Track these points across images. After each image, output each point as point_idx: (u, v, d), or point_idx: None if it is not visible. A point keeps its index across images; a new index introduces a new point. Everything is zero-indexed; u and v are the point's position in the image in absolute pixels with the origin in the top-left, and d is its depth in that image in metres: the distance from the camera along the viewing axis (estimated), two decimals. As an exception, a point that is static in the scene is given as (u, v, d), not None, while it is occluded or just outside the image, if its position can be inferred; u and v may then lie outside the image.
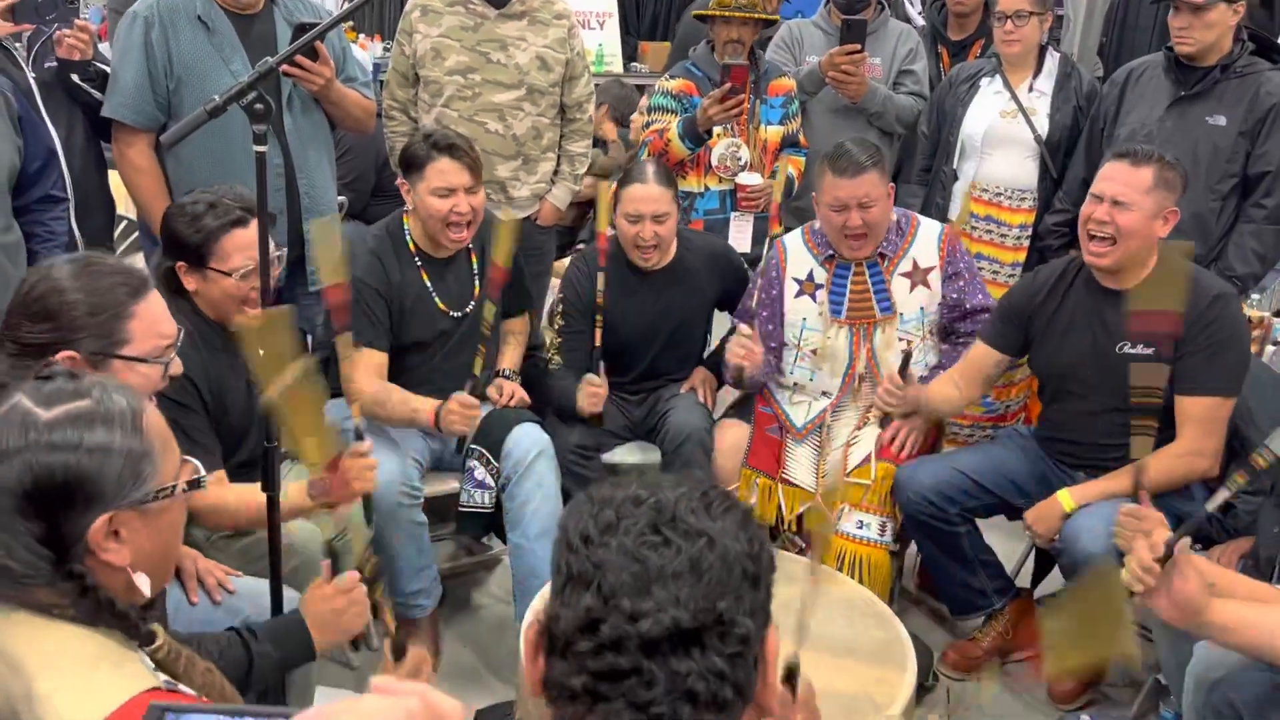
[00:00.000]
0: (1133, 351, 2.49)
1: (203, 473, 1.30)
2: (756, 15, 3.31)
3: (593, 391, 2.79)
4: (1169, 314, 1.96)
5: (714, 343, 3.22)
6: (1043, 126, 3.26)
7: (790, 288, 2.91)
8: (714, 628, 0.84)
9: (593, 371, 2.84)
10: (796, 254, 2.92)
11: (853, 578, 2.58)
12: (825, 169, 2.75)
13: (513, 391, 2.82)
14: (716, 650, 0.84)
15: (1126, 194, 2.42)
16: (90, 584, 1.16)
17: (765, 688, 0.91)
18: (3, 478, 1.14)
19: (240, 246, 2.17)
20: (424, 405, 2.59)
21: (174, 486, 1.24)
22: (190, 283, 2.23)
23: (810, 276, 2.89)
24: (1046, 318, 2.64)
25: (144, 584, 1.22)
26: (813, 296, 2.89)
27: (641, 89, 5.09)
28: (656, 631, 0.83)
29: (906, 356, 2.71)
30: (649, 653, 0.83)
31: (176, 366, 1.78)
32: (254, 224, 2.18)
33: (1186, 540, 1.68)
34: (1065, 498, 2.51)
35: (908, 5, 4.74)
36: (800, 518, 2.82)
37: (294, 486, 2.10)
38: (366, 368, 2.63)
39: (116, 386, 1.25)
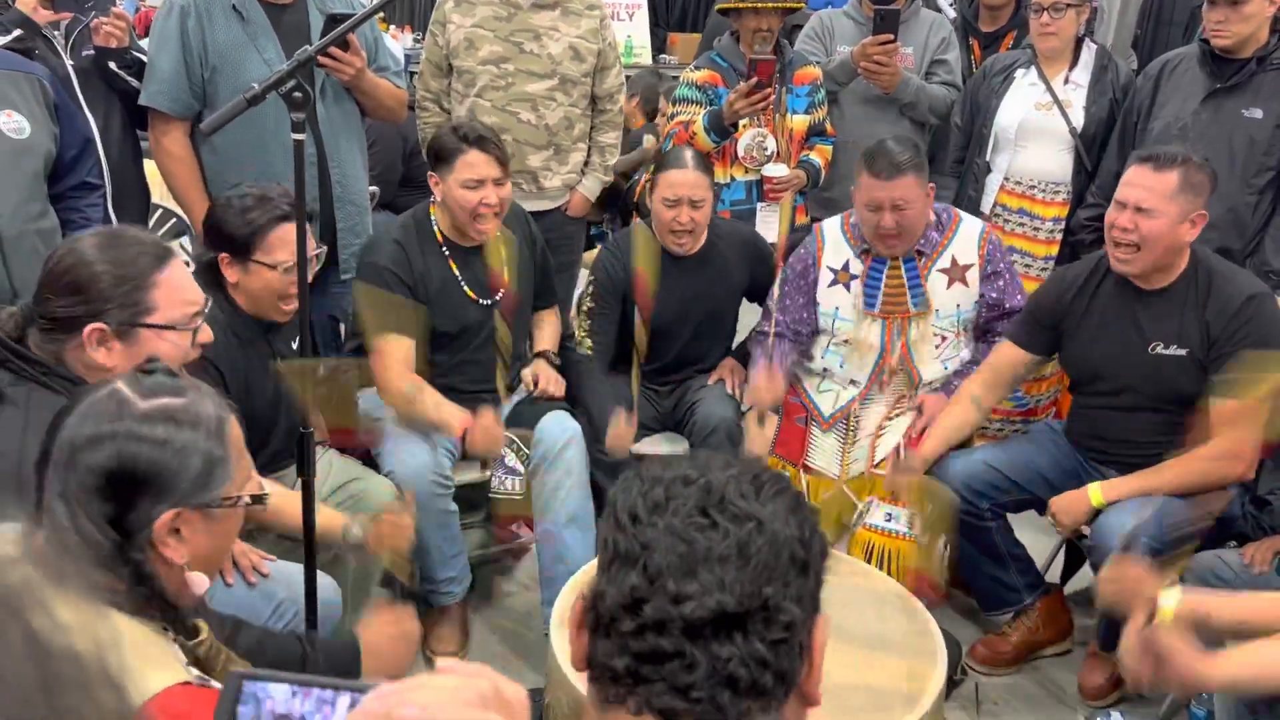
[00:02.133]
0: (1165, 352, 2.48)
1: (267, 490, 1.34)
2: (783, 4, 3.30)
3: (619, 434, 2.75)
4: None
5: (742, 334, 3.22)
6: (1078, 119, 3.23)
7: (825, 276, 2.90)
8: (759, 613, 0.84)
9: (627, 364, 2.82)
10: (834, 243, 2.91)
11: (882, 570, 2.57)
12: (862, 167, 2.74)
13: (550, 379, 2.81)
14: (760, 636, 0.84)
15: (1150, 200, 2.39)
16: (146, 572, 1.19)
17: (810, 677, 0.90)
18: (91, 456, 1.19)
19: (286, 241, 2.21)
20: (453, 417, 2.58)
21: (239, 498, 1.28)
22: (232, 274, 2.26)
23: (846, 267, 2.88)
24: (1077, 317, 2.62)
25: (200, 584, 1.26)
26: (847, 286, 2.88)
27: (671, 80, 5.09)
28: (700, 615, 0.83)
29: (897, 451, 2.71)
30: (691, 636, 0.83)
31: (205, 334, 1.80)
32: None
33: (1159, 625, 1.68)
34: (1095, 492, 2.49)
35: (938, -4, 4.72)
36: (825, 503, 2.82)
37: (329, 514, 2.16)
38: (395, 360, 2.64)
39: (209, 393, 1.30)
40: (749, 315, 3.21)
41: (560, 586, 2.46)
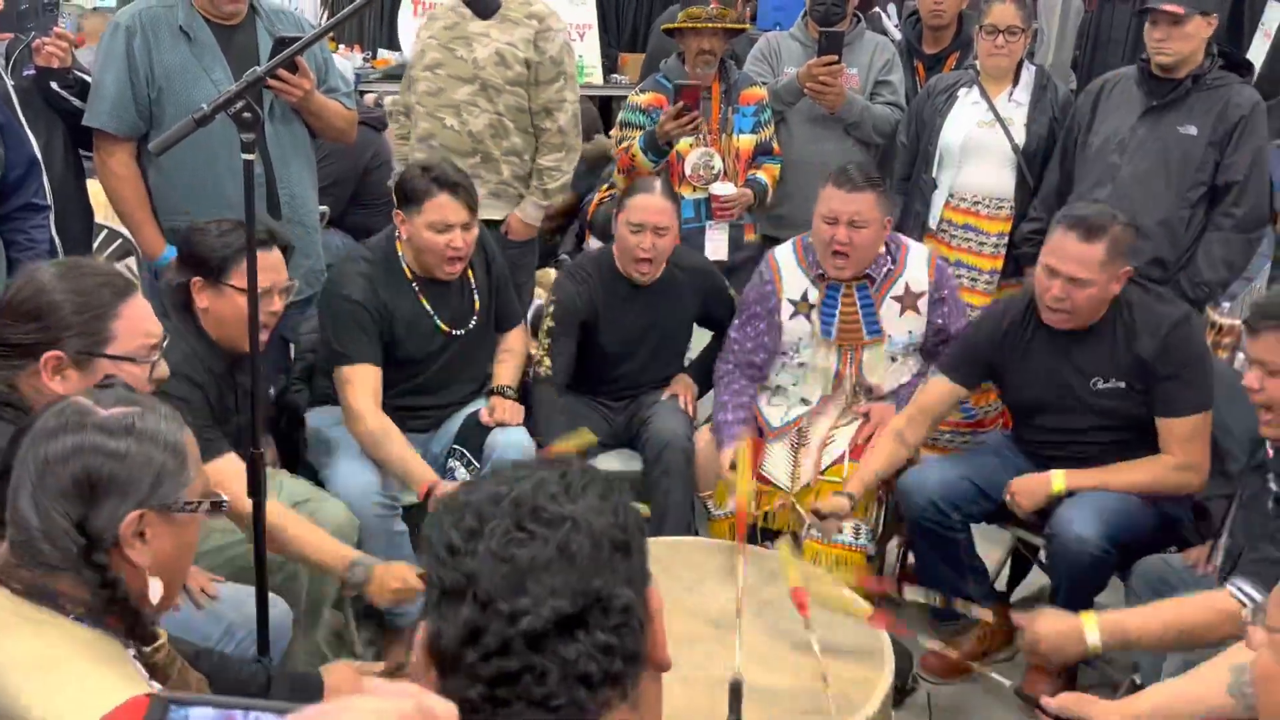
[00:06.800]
0: (1106, 387, 2.56)
1: (224, 498, 1.38)
2: (725, 25, 3.36)
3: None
4: None
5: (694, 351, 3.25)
6: (1019, 136, 3.31)
7: (785, 309, 2.93)
8: (594, 606, 0.85)
9: (588, 383, 2.82)
10: (790, 273, 2.94)
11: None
12: (828, 180, 2.80)
13: (506, 409, 2.79)
14: (601, 627, 0.85)
15: (1081, 271, 2.46)
16: (112, 576, 1.23)
17: (655, 645, 0.92)
18: (57, 465, 1.24)
19: (262, 267, 2.17)
20: (420, 474, 2.54)
21: (200, 503, 1.33)
22: (203, 299, 2.25)
23: (805, 297, 2.92)
24: (1012, 358, 2.68)
25: (156, 589, 1.29)
26: (807, 316, 2.92)
27: (619, 100, 5.09)
28: (539, 625, 0.83)
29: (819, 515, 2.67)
30: (536, 648, 0.83)
31: (162, 369, 1.80)
32: (277, 249, 2.24)
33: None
34: (1058, 478, 2.56)
35: (884, 19, 4.80)
36: (771, 515, 2.85)
37: (334, 545, 2.18)
38: (364, 389, 2.62)
39: (165, 407, 1.36)
40: (702, 335, 3.25)
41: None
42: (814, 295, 2.90)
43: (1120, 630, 2.00)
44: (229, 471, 2.09)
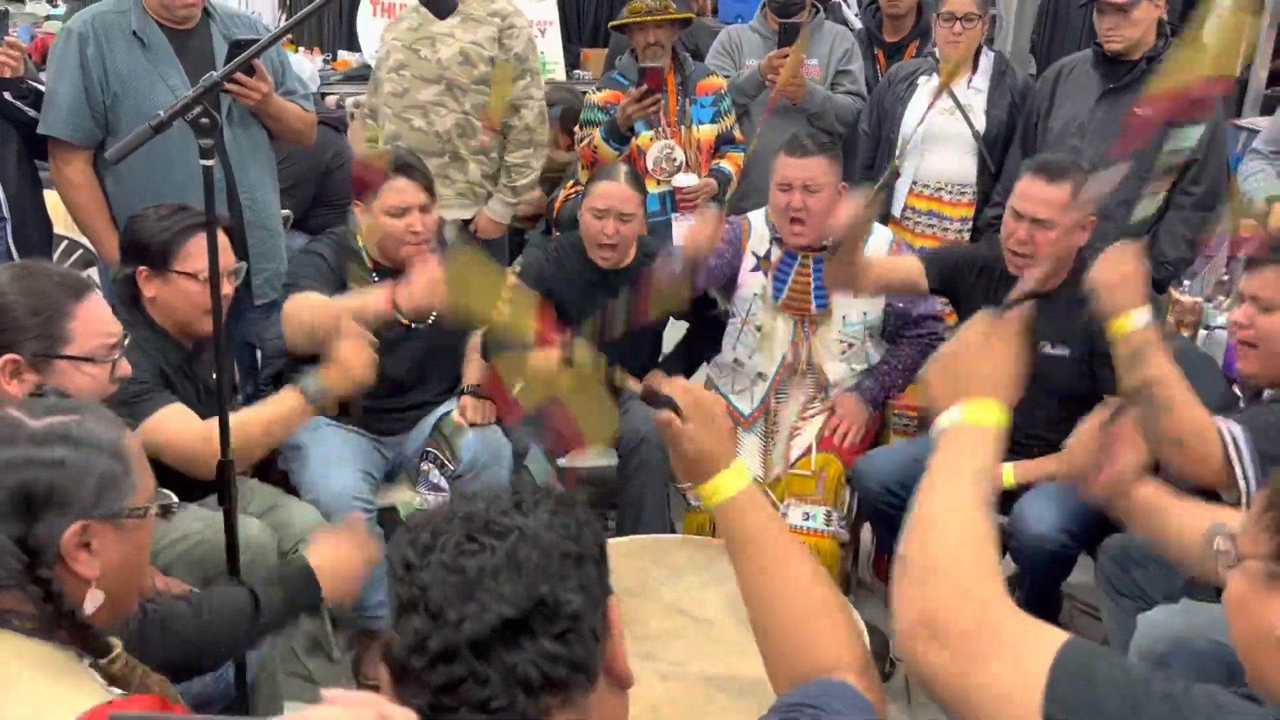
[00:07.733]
0: (1051, 353, 2.57)
1: (174, 500, 1.34)
2: (668, 17, 3.37)
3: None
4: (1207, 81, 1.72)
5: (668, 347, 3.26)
6: (980, 122, 3.34)
7: (748, 261, 2.96)
8: (539, 611, 0.86)
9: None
10: (759, 231, 2.98)
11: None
12: (781, 151, 2.83)
13: (479, 409, 2.78)
14: (546, 633, 0.86)
15: (1045, 211, 2.48)
16: (55, 590, 1.18)
17: (615, 658, 0.93)
18: None
19: (205, 249, 2.15)
20: (372, 294, 2.39)
21: (147, 508, 1.28)
22: (150, 288, 2.21)
23: (768, 255, 2.95)
24: (975, 295, 2.68)
25: (95, 601, 1.24)
26: (766, 274, 2.95)
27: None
28: (481, 631, 0.84)
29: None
30: (480, 654, 0.85)
31: (124, 368, 1.79)
32: (219, 230, 2.20)
33: (1129, 415, 1.75)
34: (1007, 472, 2.57)
35: (845, 9, 4.82)
36: None
37: (286, 404, 2.14)
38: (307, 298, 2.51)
39: (102, 410, 1.30)
40: (675, 334, 3.26)
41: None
42: (774, 255, 2.93)
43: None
44: (173, 422, 2.06)
